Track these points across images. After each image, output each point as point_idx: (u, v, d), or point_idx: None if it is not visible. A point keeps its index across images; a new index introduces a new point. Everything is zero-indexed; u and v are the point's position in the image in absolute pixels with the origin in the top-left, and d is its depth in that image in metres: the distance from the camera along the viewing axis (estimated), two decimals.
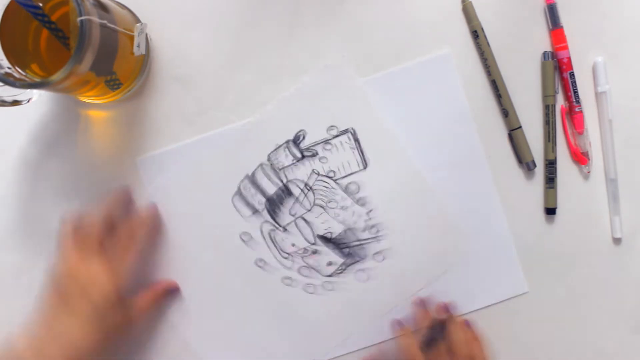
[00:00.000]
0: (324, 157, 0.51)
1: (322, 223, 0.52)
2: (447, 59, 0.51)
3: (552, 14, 0.50)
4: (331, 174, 0.52)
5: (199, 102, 0.52)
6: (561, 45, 0.50)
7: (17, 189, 0.52)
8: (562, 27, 0.50)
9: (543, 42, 0.51)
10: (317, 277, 0.52)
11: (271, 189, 0.52)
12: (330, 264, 0.52)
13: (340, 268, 0.52)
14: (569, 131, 0.52)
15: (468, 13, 0.51)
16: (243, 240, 0.52)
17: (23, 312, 0.52)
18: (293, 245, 0.52)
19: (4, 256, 0.52)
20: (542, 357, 0.52)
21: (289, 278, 0.53)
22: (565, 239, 0.52)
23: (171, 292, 0.53)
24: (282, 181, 0.52)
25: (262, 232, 0.52)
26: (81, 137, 0.52)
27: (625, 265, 0.52)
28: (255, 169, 0.52)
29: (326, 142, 0.51)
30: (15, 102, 0.45)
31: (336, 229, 0.52)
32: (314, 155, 0.51)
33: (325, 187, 0.51)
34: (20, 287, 0.52)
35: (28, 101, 0.46)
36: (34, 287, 0.52)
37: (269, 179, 0.52)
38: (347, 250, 0.52)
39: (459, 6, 0.51)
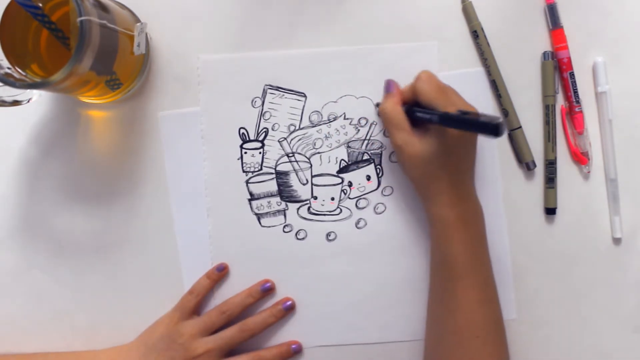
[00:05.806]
0: (270, 114, 0.51)
1: (329, 162, 0.52)
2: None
3: (552, 14, 0.50)
4: (291, 128, 0.51)
5: (199, 102, 0.52)
6: (561, 45, 0.50)
7: (17, 189, 0.52)
8: (562, 27, 0.50)
9: (543, 42, 0.51)
10: (367, 203, 0.52)
11: (272, 186, 0.52)
12: (369, 178, 0.52)
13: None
14: (569, 131, 0.52)
15: (468, 13, 0.51)
16: (298, 239, 0.52)
17: (23, 312, 0.52)
18: (332, 199, 0.52)
19: (4, 256, 0.52)
20: (542, 356, 0.52)
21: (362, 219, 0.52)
22: (565, 239, 0.52)
23: None
24: (272, 172, 0.52)
25: (303, 217, 0.52)
26: (81, 137, 0.52)
27: (625, 265, 0.52)
28: (247, 181, 0.52)
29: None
30: (15, 102, 0.45)
31: (341, 153, 0.52)
32: (267, 133, 0.51)
33: (299, 139, 0.51)
34: (20, 287, 0.52)
35: (28, 101, 0.46)
36: (34, 287, 0.52)
37: (262, 181, 0.52)
38: (367, 155, 0.51)
39: (459, 6, 0.51)
